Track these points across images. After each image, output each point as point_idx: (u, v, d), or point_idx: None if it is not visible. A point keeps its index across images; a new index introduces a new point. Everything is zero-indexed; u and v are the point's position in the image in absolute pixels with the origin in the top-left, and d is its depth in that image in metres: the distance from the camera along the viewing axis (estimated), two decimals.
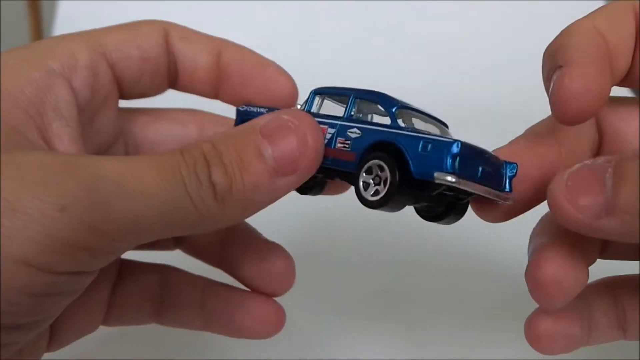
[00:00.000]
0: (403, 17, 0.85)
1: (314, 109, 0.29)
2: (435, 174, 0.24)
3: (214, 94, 0.33)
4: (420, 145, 0.25)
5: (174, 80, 0.33)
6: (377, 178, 0.25)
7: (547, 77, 0.26)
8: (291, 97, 0.32)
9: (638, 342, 0.30)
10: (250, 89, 0.32)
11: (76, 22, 0.90)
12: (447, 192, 0.25)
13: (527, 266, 0.27)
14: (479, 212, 0.28)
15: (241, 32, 0.86)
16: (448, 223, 0.27)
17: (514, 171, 0.26)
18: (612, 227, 0.23)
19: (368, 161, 0.26)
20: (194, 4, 0.87)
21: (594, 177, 0.23)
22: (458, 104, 0.63)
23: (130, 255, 0.33)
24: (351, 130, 0.27)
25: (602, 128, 0.29)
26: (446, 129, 0.29)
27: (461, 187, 0.24)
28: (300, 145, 0.25)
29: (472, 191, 0.24)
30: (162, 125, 0.34)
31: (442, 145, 0.24)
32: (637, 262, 0.31)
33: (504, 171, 0.26)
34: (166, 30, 0.32)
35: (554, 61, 0.26)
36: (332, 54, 0.81)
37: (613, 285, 0.31)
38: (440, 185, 0.24)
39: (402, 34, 0.84)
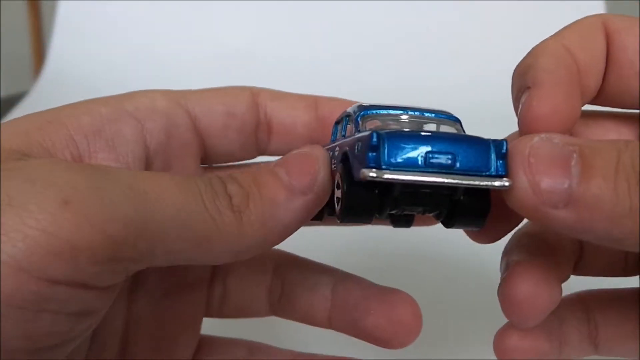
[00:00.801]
0: (404, 16, 0.85)
1: (337, 137, 0.28)
2: (360, 172, 0.22)
3: None
4: (356, 146, 0.23)
5: (265, 142, 0.31)
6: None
7: (516, 97, 0.26)
8: None
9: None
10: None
11: (76, 22, 0.91)
12: (425, 190, 0.23)
13: (500, 284, 0.26)
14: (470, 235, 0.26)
15: (240, 32, 0.86)
16: (463, 227, 0.25)
17: (504, 148, 0.22)
18: (566, 220, 0.21)
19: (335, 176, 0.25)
20: (193, 4, 0.87)
21: (558, 160, 0.21)
22: (460, 103, 0.63)
23: (217, 325, 0.33)
24: (335, 149, 0.26)
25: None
26: (451, 124, 0.26)
27: (393, 180, 0.21)
28: (312, 163, 0.25)
29: (418, 182, 0.22)
30: None
31: (364, 141, 0.22)
32: (612, 277, 0.31)
33: (491, 151, 0.22)
34: (255, 92, 0.31)
35: (523, 82, 0.25)
36: (331, 53, 0.81)
37: (585, 300, 0.30)
38: (385, 183, 0.22)
39: (403, 33, 0.84)
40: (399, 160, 0.22)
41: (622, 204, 0.20)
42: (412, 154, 0.22)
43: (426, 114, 0.26)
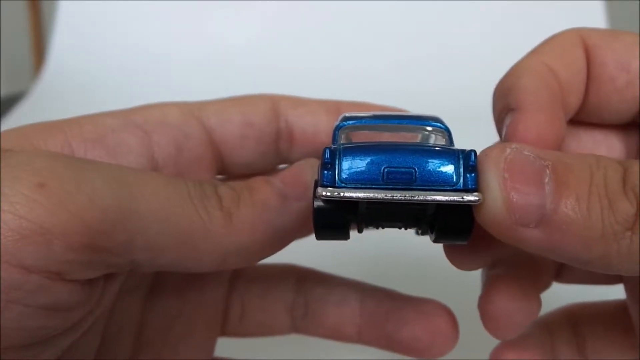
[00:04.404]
0: (405, 15, 0.85)
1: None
2: (317, 190, 0.21)
3: None
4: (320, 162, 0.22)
5: (286, 151, 0.30)
6: None
7: (499, 119, 0.26)
8: None
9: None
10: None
11: (76, 22, 0.91)
12: (395, 206, 0.22)
13: (479, 298, 0.27)
14: (449, 258, 0.24)
15: (241, 31, 0.86)
16: (448, 242, 0.23)
17: (472, 160, 0.21)
18: (536, 240, 0.20)
19: None
20: (193, 4, 0.87)
21: (532, 176, 0.20)
22: (462, 105, 0.63)
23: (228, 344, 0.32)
24: None
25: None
26: (434, 132, 0.24)
27: (348, 199, 0.20)
28: (306, 170, 0.25)
29: (376, 199, 0.20)
30: None
31: (322, 157, 0.21)
32: (595, 285, 0.31)
33: (458, 163, 0.21)
34: (274, 100, 0.30)
35: (506, 103, 0.25)
36: (332, 55, 0.81)
37: (572, 314, 0.31)
38: (347, 201, 0.21)
39: (404, 32, 0.84)
40: (355, 177, 0.21)
41: (594, 228, 0.19)
42: (370, 169, 0.21)
43: (411, 123, 0.24)
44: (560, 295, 0.31)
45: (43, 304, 0.20)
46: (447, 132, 0.23)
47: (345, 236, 0.22)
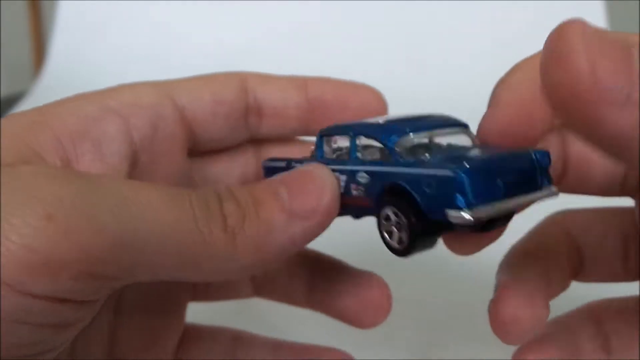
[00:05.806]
0: (406, 14, 0.85)
1: (325, 151, 0.28)
2: (449, 213, 0.21)
3: (304, 130, 0.32)
4: (424, 182, 0.22)
5: (256, 126, 0.32)
6: (398, 224, 0.23)
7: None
8: (383, 112, 0.32)
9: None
10: (349, 114, 0.31)
11: (76, 22, 0.91)
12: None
13: (489, 303, 0.27)
14: (450, 246, 0.25)
15: (242, 31, 0.86)
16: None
17: (547, 159, 0.23)
18: (619, 124, 0.17)
19: (382, 208, 0.24)
20: (194, 4, 0.87)
21: (619, 54, 0.17)
22: (463, 105, 0.63)
23: (202, 309, 0.34)
24: (359, 175, 0.25)
25: (568, 155, 0.28)
26: (464, 132, 0.26)
27: (484, 217, 0.21)
28: (316, 187, 0.24)
29: (504, 212, 0.22)
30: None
31: (445, 181, 0.21)
32: (614, 283, 0.31)
33: (536, 164, 0.23)
34: (243, 78, 0.31)
35: (490, 97, 0.25)
36: (332, 55, 0.81)
37: (595, 311, 0.31)
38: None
39: (404, 35, 0.84)
40: (484, 195, 0.21)
41: None
42: (492, 185, 0.22)
43: (449, 126, 0.25)
44: (578, 293, 0.31)
45: (50, 323, 0.21)
46: (468, 128, 0.25)
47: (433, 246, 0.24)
